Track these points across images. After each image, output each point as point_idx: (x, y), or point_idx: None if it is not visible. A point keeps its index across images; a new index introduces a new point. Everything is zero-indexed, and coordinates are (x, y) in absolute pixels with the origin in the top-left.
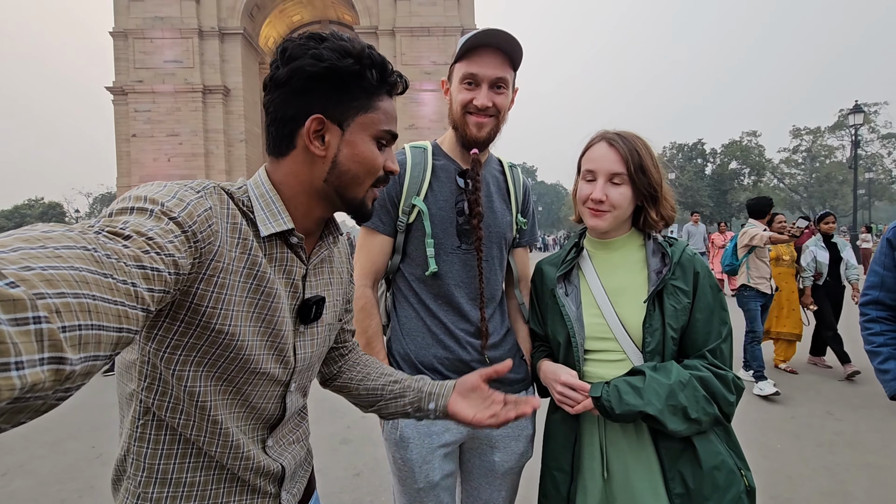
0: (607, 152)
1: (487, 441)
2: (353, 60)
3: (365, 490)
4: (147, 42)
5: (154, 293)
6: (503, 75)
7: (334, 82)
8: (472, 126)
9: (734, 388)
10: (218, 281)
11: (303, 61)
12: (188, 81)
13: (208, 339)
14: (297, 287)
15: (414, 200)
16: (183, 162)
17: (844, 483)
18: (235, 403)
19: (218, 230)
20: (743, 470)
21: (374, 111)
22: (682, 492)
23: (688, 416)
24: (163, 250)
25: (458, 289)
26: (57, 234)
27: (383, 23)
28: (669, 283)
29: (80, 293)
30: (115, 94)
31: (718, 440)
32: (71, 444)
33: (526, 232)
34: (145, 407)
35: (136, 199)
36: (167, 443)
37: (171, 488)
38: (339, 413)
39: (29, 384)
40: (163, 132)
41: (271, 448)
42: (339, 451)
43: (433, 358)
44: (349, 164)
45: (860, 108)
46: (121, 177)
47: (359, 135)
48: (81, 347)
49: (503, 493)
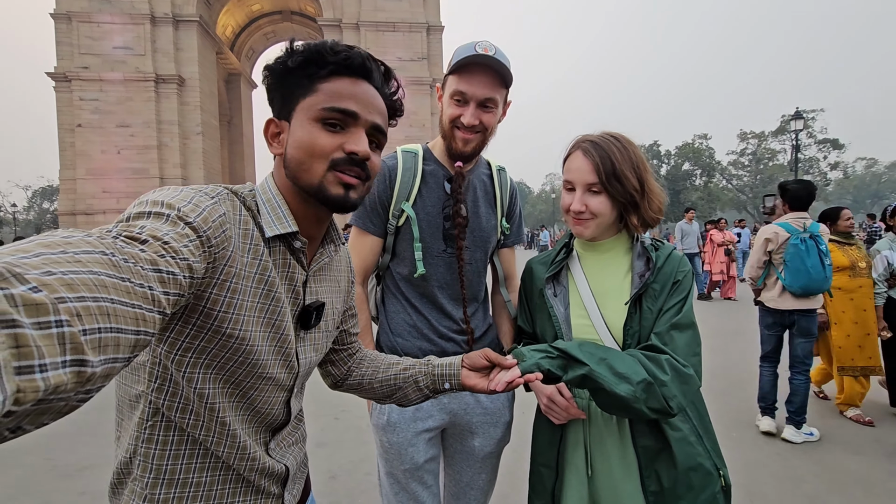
0: (582, 162)
1: (468, 427)
2: (284, 56)
3: (341, 493)
4: (94, 26)
5: (170, 296)
6: (492, 95)
7: (275, 84)
8: (459, 141)
9: (668, 368)
10: (230, 286)
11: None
12: (139, 70)
13: (219, 343)
14: (297, 293)
15: (403, 206)
16: (135, 154)
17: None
18: (241, 407)
19: (231, 235)
20: (721, 470)
21: (313, 94)
22: (656, 489)
23: (615, 370)
24: (178, 254)
25: (442, 290)
26: (76, 240)
27: (347, 16)
28: (651, 287)
29: (99, 297)
30: (58, 80)
31: (698, 441)
32: (24, 457)
33: (512, 233)
34: (154, 408)
35: (152, 204)
36: (175, 443)
37: (179, 489)
38: (311, 416)
39: (52, 386)
40: (112, 122)
41: (273, 450)
42: (315, 454)
43: (418, 350)
44: (291, 152)
45: (800, 114)
46: (64, 169)
47: (298, 120)
48: (101, 350)
49: (483, 476)
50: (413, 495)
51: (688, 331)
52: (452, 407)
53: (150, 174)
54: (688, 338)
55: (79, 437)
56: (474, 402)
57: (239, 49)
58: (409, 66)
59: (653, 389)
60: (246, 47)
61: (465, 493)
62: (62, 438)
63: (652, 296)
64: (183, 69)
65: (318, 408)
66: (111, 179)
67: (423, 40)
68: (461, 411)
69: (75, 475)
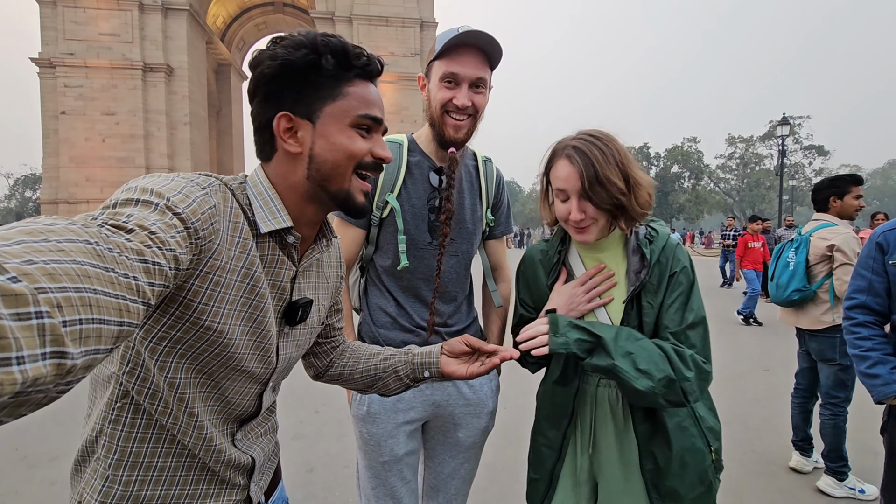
0: (570, 171)
1: (451, 419)
2: (308, 51)
3: (318, 486)
4: (79, 11)
5: (154, 287)
6: (482, 75)
7: (293, 77)
8: (451, 128)
9: (692, 364)
10: (213, 278)
11: (263, 65)
12: (126, 57)
13: (195, 334)
14: (284, 289)
15: (387, 197)
16: (120, 143)
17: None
18: (212, 398)
19: (219, 229)
20: (713, 445)
21: (343, 98)
22: (651, 468)
23: (638, 367)
24: (164, 245)
25: (426, 283)
26: (59, 228)
27: (340, 9)
28: (648, 283)
29: (81, 287)
30: (42, 66)
31: (693, 424)
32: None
33: (500, 224)
34: (124, 390)
35: (141, 191)
36: (142, 427)
37: (142, 472)
38: (291, 408)
39: (31, 379)
40: (97, 110)
41: (240, 441)
42: (291, 446)
43: (400, 342)
44: (326, 155)
45: (787, 120)
46: (47, 157)
47: (332, 125)
48: (83, 341)
49: (466, 465)
50: (390, 490)
51: (700, 327)
52: (435, 398)
53: (135, 163)
54: (702, 333)
55: (49, 427)
56: (457, 393)
57: (230, 40)
58: (401, 61)
59: (674, 385)
60: (237, 38)
61: (447, 483)
62: (32, 428)
63: (650, 291)
64: (171, 58)
65: (296, 399)
66: (95, 168)
67: (416, 36)
68: (444, 402)
69: (45, 465)
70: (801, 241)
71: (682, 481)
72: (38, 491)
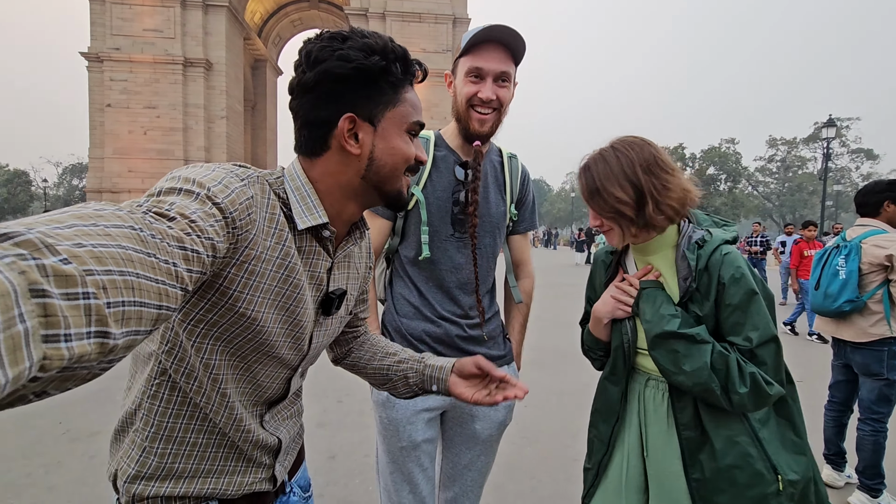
0: (579, 184)
1: (468, 411)
2: (379, 57)
3: (340, 473)
4: (126, 8)
5: (192, 273)
6: (506, 69)
7: (362, 81)
8: (475, 122)
9: (749, 381)
10: (249, 267)
11: (329, 63)
12: (168, 52)
13: (230, 320)
14: (321, 280)
15: (413, 189)
16: (160, 136)
17: None
18: (244, 380)
19: (256, 219)
20: (780, 472)
21: (402, 104)
22: (699, 477)
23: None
24: (203, 233)
25: (450, 274)
26: (107, 213)
27: (374, 6)
28: (694, 291)
29: (125, 271)
30: (91, 60)
31: (751, 443)
32: (37, 420)
33: (524, 220)
34: (163, 368)
35: (184, 181)
36: (178, 404)
37: (175, 446)
38: (315, 398)
39: (76, 355)
40: (139, 104)
41: (268, 422)
42: (315, 434)
43: (422, 332)
44: (386, 159)
45: (833, 121)
46: (93, 147)
47: (392, 129)
48: (124, 322)
49: (483, 458)
50: (408, 476)
51: (772, 344)
52: None
53: (174, 156)
54: (774, 350)
55: (91, 404)
56: None
57: (266, 35)
58: (433, 57)
59: (711, 393)
60: (273, 34)
61: (463, 474)
62: (75, 404)
63: (697, 301)
64: (211, 53)
65: (321, 388)
66: (136, 159)
67: (449, 32)
68: None
69: (86, 439)
70: (851, 248)
71: (732, 500)
72: (79, 463)
